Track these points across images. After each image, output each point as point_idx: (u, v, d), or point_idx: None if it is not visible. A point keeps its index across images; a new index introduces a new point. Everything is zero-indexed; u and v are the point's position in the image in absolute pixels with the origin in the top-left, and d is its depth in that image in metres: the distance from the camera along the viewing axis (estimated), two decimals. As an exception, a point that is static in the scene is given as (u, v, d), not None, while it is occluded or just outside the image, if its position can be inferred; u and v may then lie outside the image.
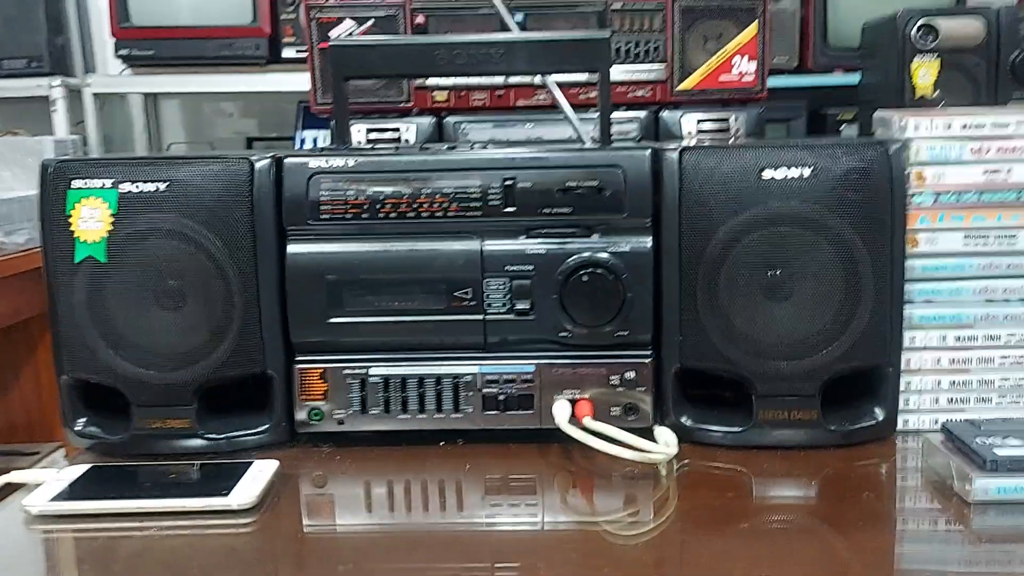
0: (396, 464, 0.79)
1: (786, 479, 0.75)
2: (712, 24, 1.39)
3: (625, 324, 0.80)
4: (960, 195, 0.79)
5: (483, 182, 0.80)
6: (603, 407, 0.80)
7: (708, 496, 0.71)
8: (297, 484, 0.76)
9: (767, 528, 0.66)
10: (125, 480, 0.75)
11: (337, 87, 0.86)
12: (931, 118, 0.79)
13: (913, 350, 0.81)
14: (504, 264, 0.80)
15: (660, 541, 0.65)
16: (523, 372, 0.81)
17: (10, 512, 0.72)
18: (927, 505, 0.71)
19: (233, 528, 0.68)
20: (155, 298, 0.79)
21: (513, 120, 1.40)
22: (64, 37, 2.26)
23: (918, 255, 0.80)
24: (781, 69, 2.04)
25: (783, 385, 0.78)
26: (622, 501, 0.73)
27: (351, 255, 0.80)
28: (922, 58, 1.22)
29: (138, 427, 0.81)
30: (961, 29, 1.23)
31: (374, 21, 1.37)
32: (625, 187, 0.79)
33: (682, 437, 0.79)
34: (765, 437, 0.79)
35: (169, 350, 0.80)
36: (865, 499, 0.70)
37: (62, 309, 0.80)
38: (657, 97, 1.43)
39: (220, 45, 2.12)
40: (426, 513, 0.71)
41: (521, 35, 0.87)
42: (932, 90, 1.23)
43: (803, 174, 0.77)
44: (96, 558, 0.66)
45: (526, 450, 0.81)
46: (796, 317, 0.78)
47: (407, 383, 0.81)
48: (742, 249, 0.77)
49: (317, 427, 0.82)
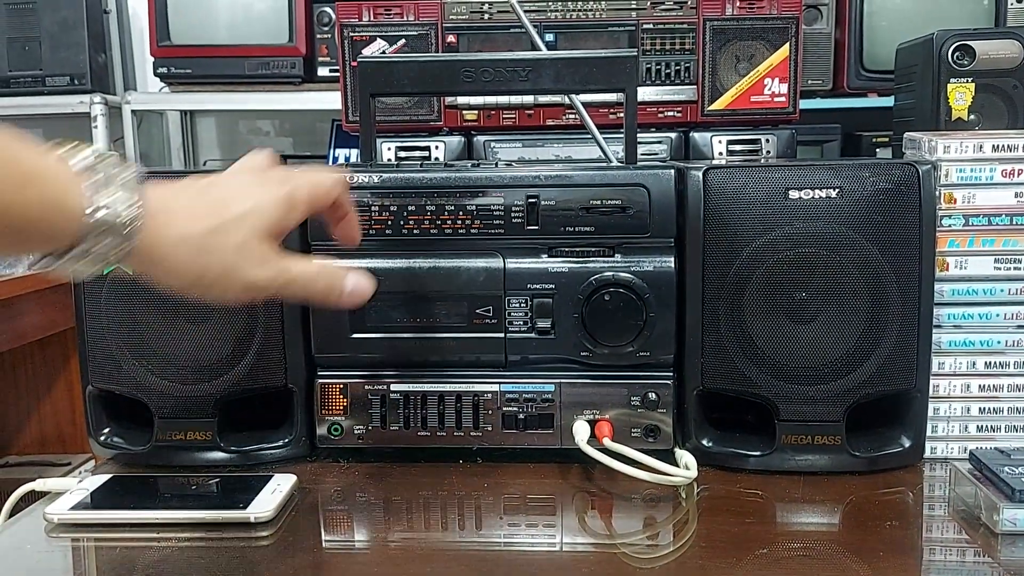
0: (414, 481, 0.79)
1: (808, 505, 0.73)
2: (744, 45, 1.38)
3: (647, 344, 0.79)
4: (991, 218, 0.78)
5: (506, 200, 0.80)
6: (623, 428, 0.80)
7: (728, 521, 0.70)
8: (316, 498, 0.76)
9: (788, 555, 0.65)
10: (146, 490, 0.76)
11: (364, 104, 0.87)
12: (961, 140, 0.77)
13: (942, 376, 0.80)
14: (526, 282, 0.80)
15: (678, 566, 0.64)
16: (543, 391, 0.81)
17: (32, 520, 0.73)
18: (954, 535, 0.69)
19: (251, 541, 0.68)
20: (179, 311, 0.80)
21: (542, 139, 1.41)
22: (106, 55, 2.31)
23: (947, 279, 0.78)
24: (816, 91, 2.03)
25: (807, 409, 0.77)
26: (641, 524, 0.72)
27: (374, 271, 0.80)
28: (958, 80, 1.20)
29: (160, 438, 0.82)
30: (997, 51, 1.21)
31: (406, 40, 1.39)
32: (649, 206, 0.79)
33: (703, 460, 0.78)
34: (788, 462, 0.78)
35: (192, 363, 0.81)
36: (889, 528, 0.69)
37: (88, 321, 0.81)
38: (688, 118, 1.43)
39: (257, 64, 2.16)
40: (444, 531, 0.71)
41: (547, 54, 0.87)
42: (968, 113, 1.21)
43: (830, 195, 0.76)
44: (115, 567, 0.66)
45: (545, 470, 0.80)
46: (821, 340, 0.76)
47: (427, 400, 0.81)
48: (766, 270, 0.76)
49: (337, 442, 0.82)
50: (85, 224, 0.51)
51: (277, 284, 0.60)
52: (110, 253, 0.53)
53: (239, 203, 0.59)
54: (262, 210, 0.59)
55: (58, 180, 0.51)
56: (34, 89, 2.20)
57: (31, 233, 0.50)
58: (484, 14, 1.41)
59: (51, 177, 0.51)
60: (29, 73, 2.19)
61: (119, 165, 0.54)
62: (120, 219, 0.52)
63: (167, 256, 0.56)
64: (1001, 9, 1.95)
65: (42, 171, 0.51)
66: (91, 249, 0.52)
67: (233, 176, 0.62)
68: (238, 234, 0.58)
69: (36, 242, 0.52)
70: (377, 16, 1.39)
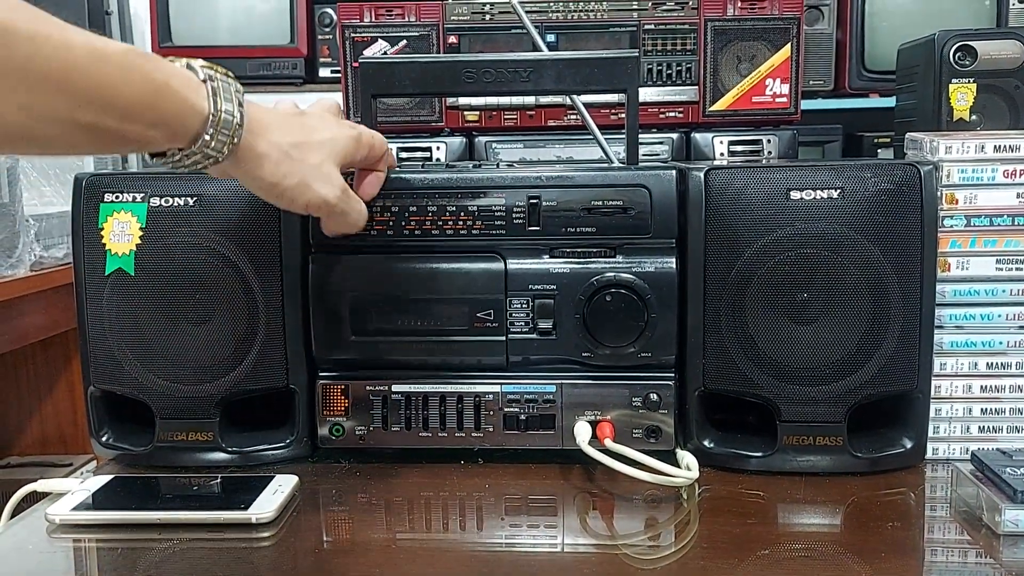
0: (416, 481, 0.79)
1: (810, 506, 0.73)
2: (745, 46, 1.39)
3: (648, 345, 0.79)
4: (993, 218, 0.78)
5: (508, 201, 0.80)
6: (625, 429, 0.80)
7: (730, 522, 0.70)
8: (317, 499, 0.76)
9: (789, 556, 0.65)
10: (147, 491, 0.76)
11: (365, 105, 0.87)
12: (962, 140, 0.77)
13: (943, 377, 0.79)
14: (528, 283, 0.80)
15: (680, 566, 0.64)
16: (544, 392, 0.81)
17: (34, 520, 0.73)
18: (955, 536, 0.69)
19: (252, 541, 0.68)
20: (181, 311, 0.80)
21: (543, 140, 1.41)
22: (107, 56, 2.30)
23: (949, 279, 0.78)
24: (817, 92, 2.03)
25: (808, 410, 0.77)
26: (642, 525, 0.72)
27: (374, 273, 0.81)
28: (959, 81, 1.20)
29: (161, 439, 0.82)
30: (999, 51, 1.21)
31: (407, 41, 1.39)
32: (651, 207, 0.79)
33: (704, 461, 0.78)
34: (789, 463, 0.78)
35: (194, 363, 0.81)
36: (891, 529, 0.69)
37: (90, 321, 0.81)
38: (689, 118, 1.43)
39: (258, 65, 2.16)
40: (445, 532, 0.71)
41: (549, 54, 0.87)
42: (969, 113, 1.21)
43: (831, 196, 0.76)
44: (116, 568, 0.66)
45: (546, 470, 0.80)
46: (822, 341, 0.76)
47: (429, 400, 0.81)
48: (768, 271, 0.76)
49: (338, 443, 0.83)
50: (207, 122, 0.61)
51: (336, 205, 0.70)
52: (222, 149, 0.62)
53: (321, 131, 0.70)
54: (337, 140, 0.70)
55: (189, 85, 0.61)
56: (36, 90, 2.20)
57: (164, 129, 0.60)
58: (485, 15, 1.41)
59: (183, 82, 0.60)
60: (31, 74, 2.19)
61: (227, 78, 0.63)
62: (234, 120, 0.62)
63: (258, 158, 0.65)
64: (1002, 9, 1.95)
65: (176, 75, 0.60)
66: (208, 145, 0.62)
67: (314, 110, 0.74)
68: (318, 154, 0.69)
69: (166, 137, 0.61)
70: (378, 17, 1.39)
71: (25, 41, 0.50)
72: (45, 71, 0.52)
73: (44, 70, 0.51)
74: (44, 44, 0.51)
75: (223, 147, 0.62)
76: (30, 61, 0.51)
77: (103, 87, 0.55)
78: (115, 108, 0.56)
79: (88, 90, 0.54)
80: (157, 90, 0.58)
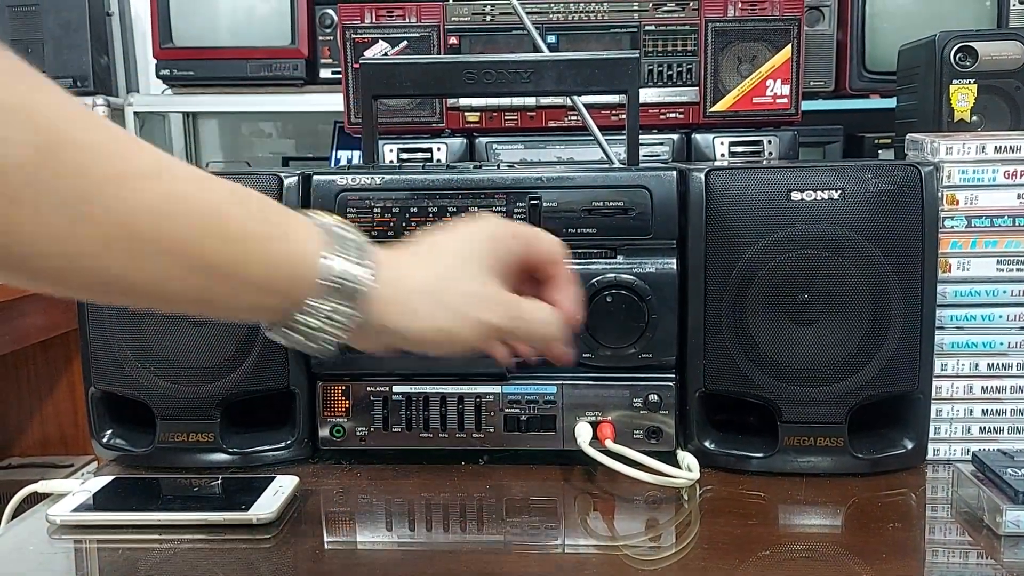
0: (416, 482, 0.79)
1: (811, 507, 0.73)
2: (745, 46, 1.38)
3: (649, 346, 0.79)
4: (993, 219, 0.78)
5: (508, 202, 0.80)
6: (626, 430, 0.80)
7: (731, 523, 0.70)
8: (318, 500, 0.76)
9: (790, 557, 0.65)
10: (148, 492, 0.76)
11: (366, 106, 0.87)
12: (963, 141, 0.77)
13: (944, 377, 0.79)
14: (528, 284, 0.80)
15: (681, 567, 0.64)
16: (545, 393, 0.81)
17: (35, 521, 0.73)
18: (956, 537, 0.69)
19: (252, 543, 0.68)
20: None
21: (544, 141, 1.41)
22: (108, 58, 2.31)
23: (950, 280, 0.78)
24: (818, 93, 2.03)
25: (809, 411, 0.77)
26: (643, 525, 0.72)
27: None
28: (960, 81, 1.20)
29: (162, 440, 0.82)
30: (1000, 52, 1.21)
31: (407, 42, 1.39)
32: (651, 208, 0.79)
33: (705, 462, 0.78)
34: (790, 463, 0.78)
35: (194, 364, 0.81)
36: (892, 530, 0.69)
37: (91, 322, 0.81)
38: (690, 119, 1.43)
39: (259, 66, 2.16)
40: (446, 533, 0.71)
41: (549, 55, 0.87)
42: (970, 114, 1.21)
43: (832, 196, 0.76)
44: (117, 569, 0.66)
45: (547, 471, 0.80)
46: (823, 341, 0.76)
47: (429, 401, 0.81)
48: (769, 272, 0.76)
49: (339, 444, 0.83)
50: (323, 278, 0.50)
51: (509, 324, 0.56)
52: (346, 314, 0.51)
53: (463, 245, 0.57)
54: (481, 246, 0.57)
55: (298, 235, 0.50)
56: (37, 91, 2.20)
57: (267, 288, 0.49)
58: (486, 16, 1.41)
59: (292, 231, 0.50)
60: (32, 75, 2.19)
61: (346, 226, 0.53)
62: (357, 276, 0.51)
63: (402, 310, 0.53)
64: (1003, 10, 1.95)
65: (284, 224, 0.50)
66: (324, 308, 0.50)
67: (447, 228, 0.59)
68: (464, 275, 0.56)
69: (271, 296, 0.50)
70: (379, 18, 1.39)
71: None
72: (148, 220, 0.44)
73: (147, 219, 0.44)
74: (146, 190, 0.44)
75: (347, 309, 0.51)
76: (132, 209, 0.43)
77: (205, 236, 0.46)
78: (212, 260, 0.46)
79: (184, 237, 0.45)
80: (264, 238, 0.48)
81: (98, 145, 0.43)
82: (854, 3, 1.99)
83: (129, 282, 0.45)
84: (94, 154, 0.42)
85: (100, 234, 0.43)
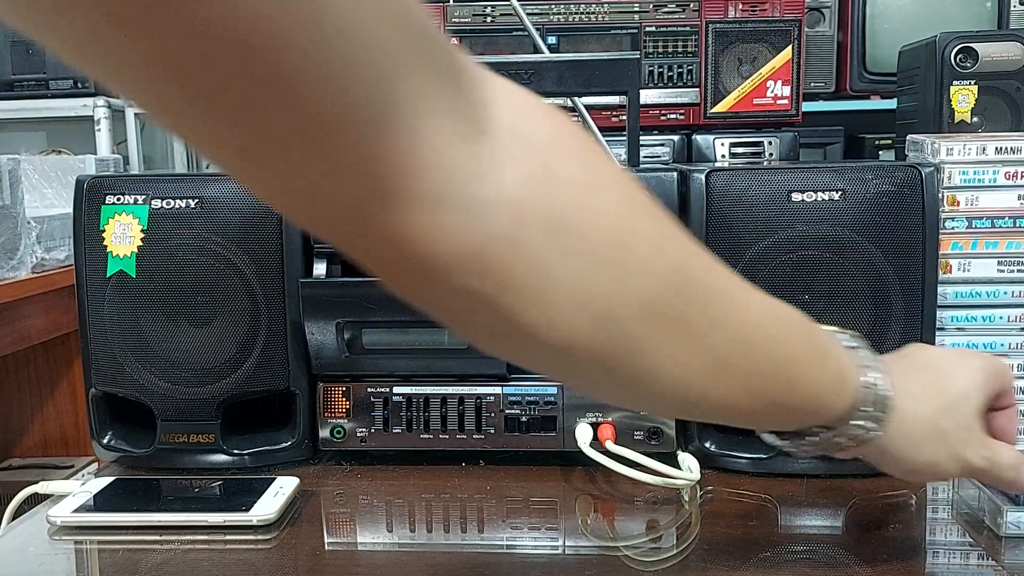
0: (417, 483, 0.79)
1: (812, 508, 0.73)
2: (746, 48, 1.39)
3: (649, 347, 0.79)
4: (994, 220, 0.78)
5: (509, 202, 0.79)
6: (626, 431, 0.80)
7: (731, 524, 0.70)
8: (318, 501, 0.76)
9: (791, 558, 0.65)
10: (148, 493, 0.76)
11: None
12: (964, 142, 0.77)
13: (945, 378, 0.79)
14: (529, 285, 0.80)
15: (681, 568, 0.64)
16: (546, 394, 0.81)
17: (35, 522, 0.73)
18: (957, 538, 0.69)
19: (253, 544, 0.68)
20: (182, 314, 0.80)
21: (545, 142, 1.40)
22: (109, 59, 2.31)
23: (950, 281, 0.78)
24: (819, 94, 2.03)
25: (810, 412, 0.77)
26: (644, 526, 0.72)
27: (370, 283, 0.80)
28: (960, 82, 1.20)
29: (163, 441, 0.82)
30: (1000, 53, 1.21)
31: (408, 43, 1.39)
32: (651, 209, 0.79)
33: (706, 463, 0.78)
34: (791, 465, 0.78)
35: (195, 365, 0.81)
36: (892, 531, 0.69)
37: (92, 323, 0.81)
38: (690, 120, 1.43)
39: (260, 67, 2.16)
40: (446, 534, 0.71)
41: (550, 56, 0.87)
42: (970, 115, 1.21)
43: (832, 197, 0.76)
44: (118, 570, 0.66)
45: (548, 472, 0.80)
46: (824, 342, 0.76)
47: (430, 402, 0.81)
48: (769, 273, 0.76)
49: (339, 445, 0.83)
50: (857, 397, 0.52)
51: (984, 466, 0.57)
52: (870, 428, 0.53)
53: (961, 379, 0.58)
54: (979, 386, 0.58)
55: (841, 355, 0.52)
56: (38, 92, 2.20)
57: (812, 406, 0.51)
58: (486, 17, 1.41)
59: (835, 352, 0.52)
60: (33, 76, 2.20)
61: (862, 344, 0.55)
62: (886, 393, 0.53)
63: (903, 435, 0.55)
64: (1004, 11, 1.95)
65: (829, 345, 0.52)
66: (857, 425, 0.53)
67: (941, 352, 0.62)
68: (962, 414, 0.57)
69: (811, 414, 0.52)
70: (380, 19, 1.39)
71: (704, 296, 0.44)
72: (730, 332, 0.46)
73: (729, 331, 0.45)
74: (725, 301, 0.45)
75: (869, 426, 0.53)
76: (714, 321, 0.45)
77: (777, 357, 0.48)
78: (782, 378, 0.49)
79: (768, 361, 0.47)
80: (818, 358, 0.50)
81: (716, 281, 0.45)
82: (854, 4, 1.99)
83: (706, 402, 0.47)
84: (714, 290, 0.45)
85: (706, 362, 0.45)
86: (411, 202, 0.35)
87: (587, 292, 0.40)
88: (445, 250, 0.36)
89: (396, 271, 0.39)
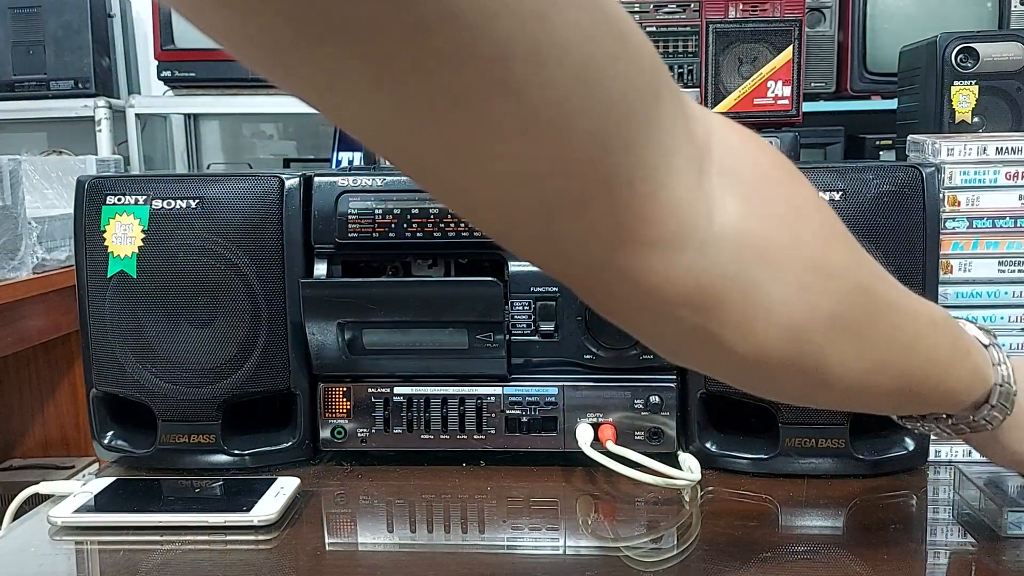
0: (417, 484, 0.79)
1: (812, 509, 0.73)
2: (746, 48, 1.38)
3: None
4: (995, 220, 0.78)
5: (509, 203, 0.79)
6: (627, 431, 0.80)
7: (732, 524, 0.70)
8: (319, 501, 0.76)
9: (791, 559, 0.65)
10: (149, 494, 0.76)
11: (367, 108, 0.87)
12: (964, 142, 0.77)
13: (946, 379, 0.79)
14: (529, 285, 0.80)
15: (682, 569, 0.64)
16: (546, 394, 0.81)
17: (36, 523, 0.73)
18: (958, 539, 0.69)
19: (254, 544, 0.68)
20: (183, 314, 0.80)
21: (545, 142, 1.40)
22: (110, 59, 2.31)
23: (951, 281, 0.78)
24: (819, 94, 2.03)
25: (810, 412, 0.77)
26: (644, 527, 0.72)
27: (374, 280, 0.81)
28: (961, 83, 1.20)
29: (163, 441, 0.82)
30: (1001, 53, 1.21)
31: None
32: (652, 209, 0.79)
33: (707, 463, 0.78)
34: (791, 465, 0.78)
35: (196, 366, 0.81)
36: (893, 531, 0.69)
37: (93, 323, 0.81)
38: (690, 121, 1.43)
39: (260, 67, 2.15)
40: (447, 534, 0.71)
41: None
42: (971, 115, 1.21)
43: (833, 198, 0.76)
44: (118, 570, 0.66)
45: (548, 473, 0.80)
46: (824, 343, 0.76)
47: (430, 403, 0.81)
48: (770, 273, 0.76)
49: (340, 445, 0.83)
50: (990, 393, 0.56)
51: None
52: (993, 420, 0.57)
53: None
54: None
55: (979, 353, 0.56)
56: (38, 93, 2.20)
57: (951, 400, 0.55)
58: (487, 17, 1.41)
59: (975, 350, 0.56)
60: (33, 77, 2.20)
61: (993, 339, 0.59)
62: (1013, 388, 0.57)
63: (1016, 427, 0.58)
64: (1004, 11, 1.95)
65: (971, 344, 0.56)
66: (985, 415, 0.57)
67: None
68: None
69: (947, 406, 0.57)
70: (380, 19, 1.39)
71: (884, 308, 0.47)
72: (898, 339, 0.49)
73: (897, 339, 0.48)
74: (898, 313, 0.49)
75: (995, 416, 0.57)
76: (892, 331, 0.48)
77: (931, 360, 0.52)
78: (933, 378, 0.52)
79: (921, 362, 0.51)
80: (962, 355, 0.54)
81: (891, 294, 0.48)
82: (855, 4, 1.99)
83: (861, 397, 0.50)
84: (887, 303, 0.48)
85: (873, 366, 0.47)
86: (651, 247, 0.37)
87: (784, 314, 0.42)
88: (675, 289, 0.39)
89: (619, 305, 0.41)
